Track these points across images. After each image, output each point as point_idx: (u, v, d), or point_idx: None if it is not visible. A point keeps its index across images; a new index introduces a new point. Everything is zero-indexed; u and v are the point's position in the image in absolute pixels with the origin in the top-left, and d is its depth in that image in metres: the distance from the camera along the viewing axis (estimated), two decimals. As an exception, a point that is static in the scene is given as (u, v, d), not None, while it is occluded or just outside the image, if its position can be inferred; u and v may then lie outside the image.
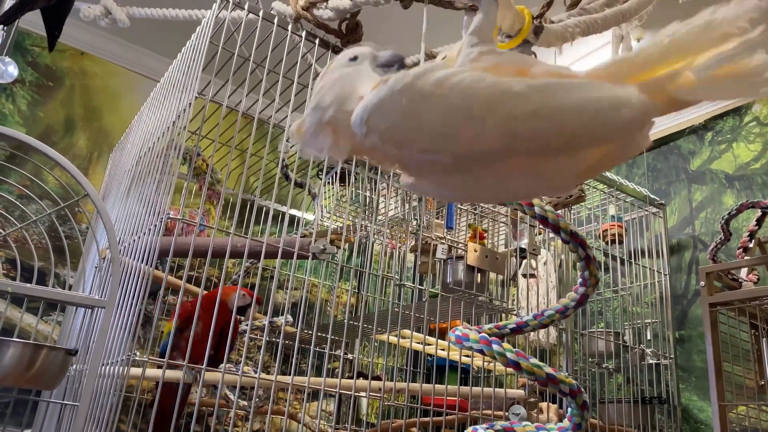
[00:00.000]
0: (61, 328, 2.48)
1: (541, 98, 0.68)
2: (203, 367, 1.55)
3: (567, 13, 1.33)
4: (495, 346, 0.90)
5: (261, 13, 1.74)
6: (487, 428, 0.98)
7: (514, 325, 0.98)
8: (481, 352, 0.92)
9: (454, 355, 2.33)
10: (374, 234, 2.54)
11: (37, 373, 1.18)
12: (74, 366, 1.70)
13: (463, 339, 0.97)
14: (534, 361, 0.85)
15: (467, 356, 2.51)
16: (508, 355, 0.85)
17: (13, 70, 1.14)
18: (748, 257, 2.16)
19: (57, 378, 1.25)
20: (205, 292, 1.88)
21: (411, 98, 0.71)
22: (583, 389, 0.83)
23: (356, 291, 3.27)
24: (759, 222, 2.20)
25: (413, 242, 2.45)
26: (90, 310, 1.49)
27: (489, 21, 0.84)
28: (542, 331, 2.80)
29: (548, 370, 0.83)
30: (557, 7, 1.43)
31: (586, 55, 2.86)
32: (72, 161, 1.42)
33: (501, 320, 1.60)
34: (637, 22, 1.58)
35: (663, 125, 3.38)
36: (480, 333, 0.96)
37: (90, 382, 1.36)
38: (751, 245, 2.18)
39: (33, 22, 3.04)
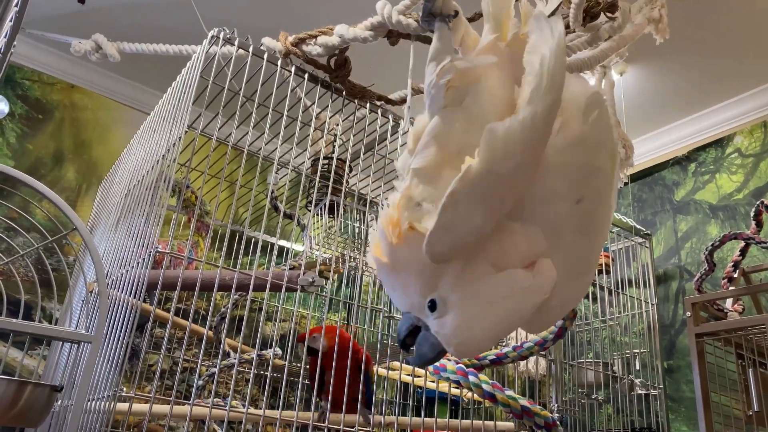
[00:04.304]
0: (46, 362, 2.45)
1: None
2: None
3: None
4: (471, 378, 0.90)
5: (251, 49, 1.77)
6: None
7: (494, 357, 0.99)
8: (457, 383, 0.93)
9: (444, 387, 2.31)
10: (363, 265, 2.54)
11: (21, 411, 1.17)
12: (59, 402, 1.68)
13: (440, 370, 0.97)
14: (509, 393, 0.85)
15: (457, 388, 2.49)
16: (484, 386, 0.86)
17: (3, 106, 1.14)
18: (733, 287, 2.18)
19: (42, 415, 1.24)
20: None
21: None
22: (558, 423, 0.84)
23: (345, 323, 3.26)
24: (743, 252, 2.23)
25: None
26: (76, 345, 1.48)
27: (444, 46, 0.86)
28: (531, 362, 2.79)
29: (523, 402, 0.84)
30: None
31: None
32: (60, 194, 1.43)
33: (492, 351, 1.60)
34: (618, 58, 1.62)
35: (647, 156, 3.44)
36: (458, 364, 0.97)
37: (75, 418, 1.34)
38: (735, 275, 2.20)
39: (24, 55, 3.06)
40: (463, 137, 0.78)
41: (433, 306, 0.73)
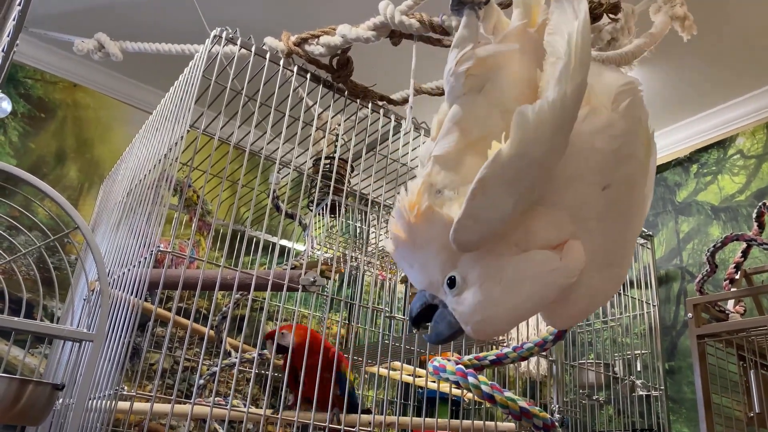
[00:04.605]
0: (48, 361, 2.45)
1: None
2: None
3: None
4: (471, 379, 0.90)
5: (253, 49, 1.77)
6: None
7: (494, 357, 0.99)
8: (456, 384, 0.93)
9: (445, 387, 2.31)
10: (364, 265, 2.54)
11: (22, 409, 1.17)
12: (60, 400, 1.68)
13: (440, 370, 0.97)
14: (508, 394, 0.85)
15: (457, 388, 2.50)
16: (483, 387, 0.86)
17: (6, 105, 1.14)
18: (735, 289, 2.18)
19: (43, 414, 1.24)
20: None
21: None
22: (557, 424, 0.83)
23: (346, 322, 3.26)
24: (744, 254, 2.22)
25: (403, 273, 2.45)
26: (78, 344, 1.48)
27: (470, 34, 0.85)
28: (533, 362, 2.79)
29: (522, 403, 0.84)
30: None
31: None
32: (62, 192, 1.43)
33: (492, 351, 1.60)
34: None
35: (649, 157, 3.43)
36: (457, 364, 0.97)
37: (76, 417, 1.35)
38: (737, 277, 2.20)
39: (26, 54, 3.07)
40: (485, 123, 0.78)
41: (452, 283, 0.72)
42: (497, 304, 0.70)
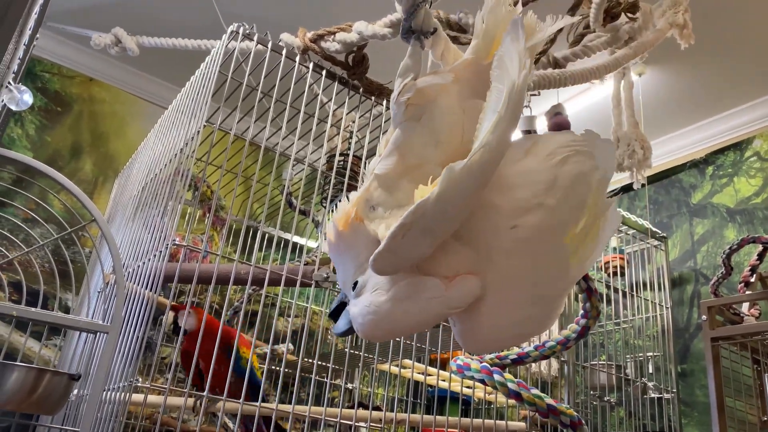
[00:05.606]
0: (62, 353, 2.47)
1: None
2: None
3: (570, 50, 1.36)
4: (497, 376, 0.91)
5: (269, 45, 1.78)
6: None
7: (516, 356, 0.99)
8: (482, 382, 0.93)
9: (455, 386, 2.31)
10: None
11: (39, 398, 1.18)
12: (74, 391, 1.69)
13: (464, 369, 0.98)
14: (535, 392, 0.85)
15: (468, 387, 2.49)
16: (510, 385, 0.86)
17: (28, 98, 1.16)
18: (750, 292, 2.16)
19: (59, 403, 1.25)
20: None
21: None
22: (583, 421, 0.83)
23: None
24: (760, 256, 2.20)
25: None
26: (92, 335, 1.49)
27: (413, 63, 0.89)
28: (543, 363, 2.78)
29: (549, 401, 0.84)
30: (560, 44, 1.46)
31: (585, 90, 2.90)
32: (77, 186, 1.43)
33: (502, 350, 1.60)
34: (639, 59, 1.61)
35: (664, 158, 3.41)
36: (482, 363, 0.97)
37: (91, 407, 1.36)
38: (752, 280, 2.18)
39: (44, 48, 3.10)
40: (421, 152, 0.85)
41: (355, 286, 0.80)
42: (378, 314, 0.77)
